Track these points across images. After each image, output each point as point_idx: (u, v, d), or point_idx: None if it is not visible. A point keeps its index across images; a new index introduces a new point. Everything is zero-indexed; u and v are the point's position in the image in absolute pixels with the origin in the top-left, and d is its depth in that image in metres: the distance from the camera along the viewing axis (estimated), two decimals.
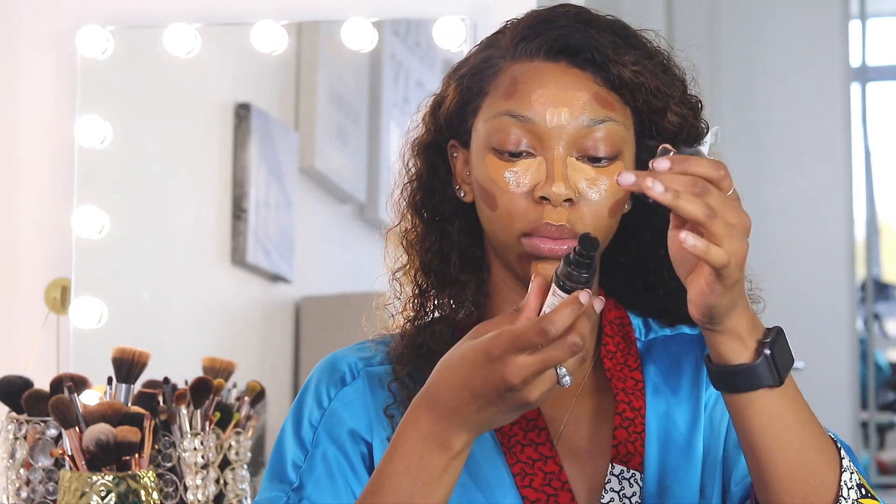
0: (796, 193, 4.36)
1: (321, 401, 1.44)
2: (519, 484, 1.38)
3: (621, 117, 1.38)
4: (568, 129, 1.35)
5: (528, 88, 1.37)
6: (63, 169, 2.56)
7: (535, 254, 1.36)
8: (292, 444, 1.43)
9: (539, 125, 1.36)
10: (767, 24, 4.40)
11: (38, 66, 2.59)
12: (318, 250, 2.73)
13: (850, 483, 1.27)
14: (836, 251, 4.36)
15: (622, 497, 1.39)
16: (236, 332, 2.66)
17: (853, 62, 4.46)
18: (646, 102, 1.39)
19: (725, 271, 1.17)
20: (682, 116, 1.42)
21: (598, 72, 1.37)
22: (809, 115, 4.38)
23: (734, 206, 1.19)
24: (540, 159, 1.36)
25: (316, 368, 1.48)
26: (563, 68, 1.37)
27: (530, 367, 1.19)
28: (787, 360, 1.25)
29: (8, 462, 2.11)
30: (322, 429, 1.42)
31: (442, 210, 1.45)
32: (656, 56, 1.42)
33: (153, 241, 2.65)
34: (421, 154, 1.47)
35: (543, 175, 1.36)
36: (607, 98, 1.37)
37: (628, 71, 1.37)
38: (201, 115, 2.71)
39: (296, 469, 1.41)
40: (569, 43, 1.38)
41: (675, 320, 1.50)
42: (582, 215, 1.36)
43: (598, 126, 1.36)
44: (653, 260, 1.47)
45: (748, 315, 1.23)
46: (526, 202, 1.36)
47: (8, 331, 2.58)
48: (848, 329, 4.36)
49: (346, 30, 2.51)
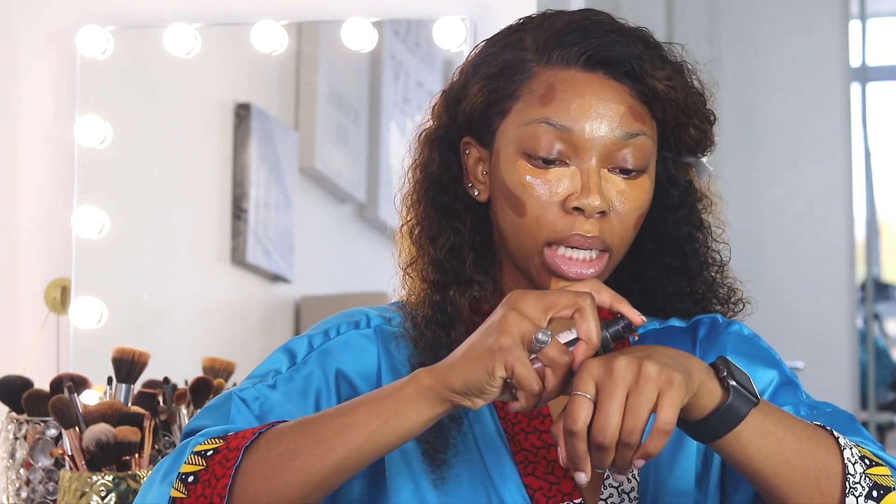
0: (796, 193, 4.36)
1: (329, 331, 1.43)
2: (522, 472, 1.39)
3: (650, 131, 1.39)
4: (604, 141, 1.36)
5: (567, 97, 1.36)
6: (63, 169, 2.56)
7: (559, 273, 1.36)
8: (282, 355, 1.43)
9: (577, 135, 1.36)
10: (767, 24, 4.40)
11: (38, 66, 2.59)
12: (318, 250, 2.73)
13: (853, 458, 1.28)
14: (836, 251, 4.36)
15: (621, 492, 1.39)
16: (236, 332, 2.65)
17: (853, 62, 4.47)
18: (674, 118, 1.40)
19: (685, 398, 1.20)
20: (703, 132, 1.43)
21: (635, 84, 1.38)
22: (809, 115, 4.38)
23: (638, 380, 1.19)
24: (574, 169, 1.36)
25: (332, 317, 1.47)
26: (601, 79, 1.37)
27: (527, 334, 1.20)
28: (746, 378, 1.26)
29: (8, 462, 2.11)
30: (316, 354, 1.42)
31: (454, 207, 1.44)
32: (684, 70, 1.42)
33: (153, 241, 2.65)
34: (433, 148, 1.45)
35: (578, 185, 1.36)
36: (640, 111, 1.38)
37: (662, 85, 1.38)
38: (201, 115, 2.71)
39: (276, 374, 1.40)
40: (609, 55, 1.37)
41: (667, 315, 1.50)
42: (612, 227, 1.37)
43: (631, 140, 1.37)
44: (653, 268, 1.48)
45: (696, 365, 1.23)
46: (557, 211, 1.36)
47: (8, 331, 2.58)
48: (848, 329, 4.36)
49: (346, 30, 2.51)
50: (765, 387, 1.43)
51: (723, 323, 1.49)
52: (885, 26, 5.20)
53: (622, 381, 1.17)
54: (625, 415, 1.17)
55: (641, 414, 1.17)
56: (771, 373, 1.44)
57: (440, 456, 1.37)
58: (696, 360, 1.24)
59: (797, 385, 1.45)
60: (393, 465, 1.39)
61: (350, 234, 2.76)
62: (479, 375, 1.20)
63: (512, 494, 1.38)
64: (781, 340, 4.12)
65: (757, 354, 1.46)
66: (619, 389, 1.17)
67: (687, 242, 1.47)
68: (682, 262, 1.47)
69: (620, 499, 1.39)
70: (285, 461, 1.25)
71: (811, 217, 4.36)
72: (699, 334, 1.48)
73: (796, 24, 4.40)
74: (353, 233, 2.76)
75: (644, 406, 1.17)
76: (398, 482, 1.38)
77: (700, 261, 1.48)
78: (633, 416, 1.17)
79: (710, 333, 1.48)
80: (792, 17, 4.40)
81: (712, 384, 1.23)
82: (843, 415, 1.40)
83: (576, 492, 1.38)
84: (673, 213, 1.46)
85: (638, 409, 1.17)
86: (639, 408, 1.17)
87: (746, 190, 4.32)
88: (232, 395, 1.37)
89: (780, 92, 4.38)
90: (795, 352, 4.05)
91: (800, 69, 4.38)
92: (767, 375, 1.44)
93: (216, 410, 1.37)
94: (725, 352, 1.45)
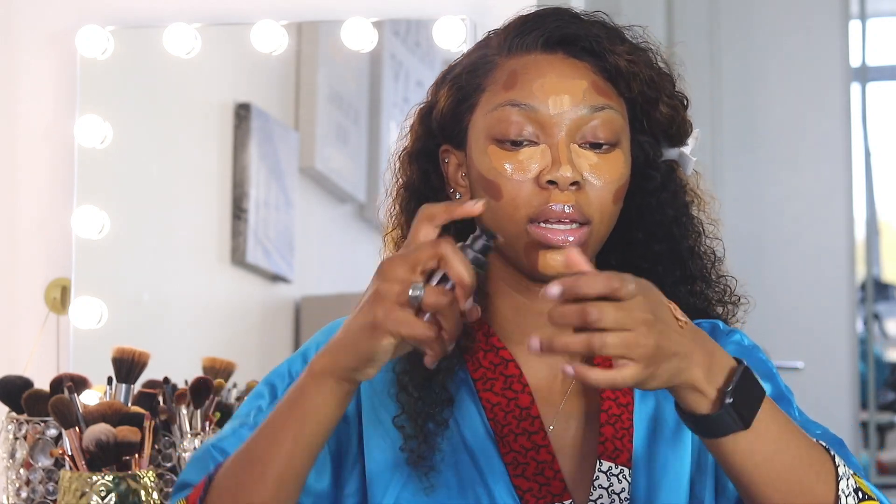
0: (796, 193, 4.37)
1: (307, 353, 1.44)
2: (511, 473, 1.39)
3: (618, 106, 1.40)
4: (570, 116, 1.37)
5: (529, 78, 1.39)
6: (63, 169, 2.56)
7: (544, 242, 1.37)
8: (264, 388, 1.44)
9: (542, 113, 1.37)
10: (767, 24, 4.41)
11: (38, 66, 2.59)
12: (318, 250, 2.73)
13: (847, 490, 1.27)
14: (836, 251, 4.36)
15: (611, 493, 1.39)
16: (236, 332, 2.65)
17: (853, 62, 4.47)
18: (640, 92, 1.41)
19: (635, 380, 1.17)
20: (673, 109, 1.44)
21: (596, 61, 1.40)
22: (809, 115, 4.38)
23: (632, 313, 1.17)
24: (543, 147, 1.38)
25: (314, 337, 1.48)
26: (560, 59, 1.40)
27: (401, 296, 1.20)
28: (753, 399, 1.24)
29: (8, 462, 2.11)
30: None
31: None
32: (647, 50, 1.44)
33: (153, 241, 2.65)
34: (412, 162, 1.48)
35: (549, 161, 1.37)
36: (604, 87, 1.40)
37: (623, 60, 1.40)
38: (201, 115, 2.71)
39: (258, 412, 1.42)
40: (566, 33, 1.40)
41: None
42: (589, 199, 1.37)
43: (597, 113, 1.38)
44: (645, 258, 1.48)
45: (703, 364, 1.22)
46: (531, 188, 1.37)
47: (8, 331, 2.58)
48: (848, 329, 4.36)
49: (346, 30, 2.51)
50: None
51: (724, 330, 1.49)
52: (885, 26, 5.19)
53: (628, 310, 1.16)
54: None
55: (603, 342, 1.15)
56: (766, 386, 1.44)
57: (426, 463, 1.38)
58: (709, 359, 1.22)
59: (790, 401, 1.45)
60: (378, 473, 1.40)
61: (350, 234, 2.76)
62: (368, 349, 1.22)
63: (502, 496, 1.38)
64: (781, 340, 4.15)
65: (753, 366, 1.46)
66: (624, 309, 1.16)
67: (674, 225, 1.47)
68: (671, 247, 1.47)
69: (611, 499, 1.39)
70: (236, 496, 1.29)
71: (811, 217, 4.36)
72: None
73: (796, 24, 4.40)
74: (353, 233, 2.76)
75: (604, 341, 1.15)
76: (383, 490, 1.39)
77: (689, 245, 1.48)
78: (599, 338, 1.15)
79: None
80: (792, 17, 4.40)
81: (704, 394, 1.21)
82: (833, 439, 1.40)
83: (566, 493, 1.38)
84: (656, 196, 1.47)
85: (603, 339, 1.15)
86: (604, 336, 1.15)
87: (746, 190, 4.32)
88: (209, 448, 1.40)
89: (780, 92, 4.38)
90: (795, 352, 4.06)
91: (800, 69, 4.38)
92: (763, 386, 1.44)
93: (198, 465, 1.39)
94: None
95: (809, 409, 1.50)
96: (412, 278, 1.20)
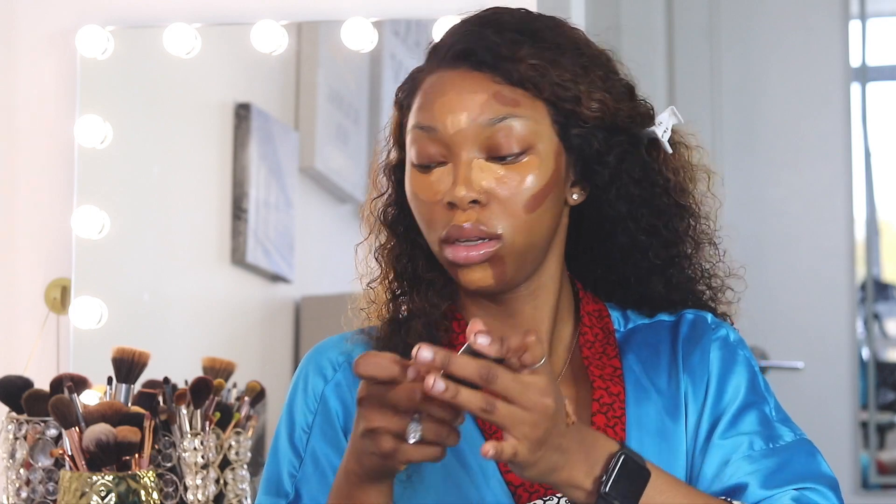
0: (796, 193, 4.36)
1: (309, 403, 1.46)
2: (503, 469, 1.40)
3: (529, 111, 1.39)
4: (470, 132, 1.38)
5: (431, 98, 1.40)
6: (63, 169, 2.56)
7: (455, 262, 1.38)
8: (287, 451, 1.46)
9: (442, 133, 1.38)
10: (767, 24, 4.40)
11: (38, 66, 2.59)
12: (318, 250, 2.73)
13: None
14: (836, 251, 4.36)
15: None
16: (236, 332, 2.65)
17: (853, 62, 4.46)
18: (553, 94, 1.40)
19: (517, 459, 1.17)
20: (602, 102, 1.41)
21: (496, 71, 1.39)
22: (809, 115, 4.38)
23: (529, 390, 1.16)
24: (450, 166, 1.39)
25: (300, 368, 1.50)
26: (462, 73, 1.40)
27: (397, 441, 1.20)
28: (638, 481, 1.24)
29: (8, 462, 2.11)
30: (315, 430, 1.45)
31: (411, 223, 1.47)
32: (566, 46, 1.42)
33: (153, 241, 2.65)
34: (385, 175, 1.50)
35: (451, 181, 1.38)
36: (510, 95, 1.39)
37: (524, 65, 1.39)
38: (201, 115, 2.71)
39: (291, 479, 1.44)
40: (465, 47, 1.40)
41: (654, 309, 1.50)
42: (494, 214, 1.37)
43: (498, 124, 1.38)
44: (615, 249, 1.48)
45: (583, 462, 1.23)
46: (440, 210, 1.39)
47: (8, 331, 2.58)
48: (848, 329, 4.36)
49: (346, 30, 2.51)
50: (731, 399, 1.44)
51: (711, 324, 1.49)
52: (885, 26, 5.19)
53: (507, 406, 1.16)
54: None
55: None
56: (742, 385, 1.45)
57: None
58: (588, 456, 1.22)
59: (766, 401, 1.45)
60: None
61: (350, 234, 2.76)
62: (388, 472, 1.26)
63: (494, 491, 1.38)
64: (781, 340, 4.15)
65: (735, 361, 1.46)
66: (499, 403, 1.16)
67: (630, 219, 1.46)
68: (631, 238, 1.47)
69: None
70: None
71: (811, 217, 4.36)
72: (681, 333, 1.48)
73: (796, 24, 4.40)
74: (353, 233, 2.75)
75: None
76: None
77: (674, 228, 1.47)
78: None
79: (694, 333, 1.48)
80: (792, 17, 4.40)
81: (582, 488, 1.22)
82: (803, 447, 1.41)
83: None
84: (606, 193, 1.45)
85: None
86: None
87: (746, 190, 4.32)
88: None
89: (781, 92, 4.38)
90: (795, 352, 4.06)
91: (800, 69, 4.38)
92: (739, 387, 1.45)
93: None
94: (707, 354, 1.46)
95: (809, 409, 1.50)
96: (401, 425, 1.20)
